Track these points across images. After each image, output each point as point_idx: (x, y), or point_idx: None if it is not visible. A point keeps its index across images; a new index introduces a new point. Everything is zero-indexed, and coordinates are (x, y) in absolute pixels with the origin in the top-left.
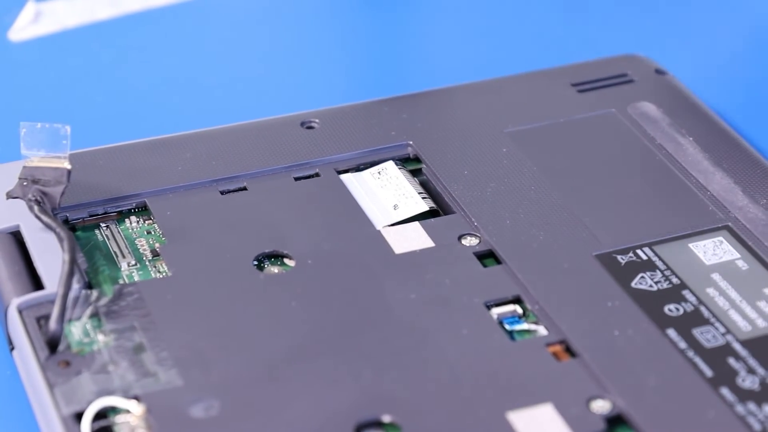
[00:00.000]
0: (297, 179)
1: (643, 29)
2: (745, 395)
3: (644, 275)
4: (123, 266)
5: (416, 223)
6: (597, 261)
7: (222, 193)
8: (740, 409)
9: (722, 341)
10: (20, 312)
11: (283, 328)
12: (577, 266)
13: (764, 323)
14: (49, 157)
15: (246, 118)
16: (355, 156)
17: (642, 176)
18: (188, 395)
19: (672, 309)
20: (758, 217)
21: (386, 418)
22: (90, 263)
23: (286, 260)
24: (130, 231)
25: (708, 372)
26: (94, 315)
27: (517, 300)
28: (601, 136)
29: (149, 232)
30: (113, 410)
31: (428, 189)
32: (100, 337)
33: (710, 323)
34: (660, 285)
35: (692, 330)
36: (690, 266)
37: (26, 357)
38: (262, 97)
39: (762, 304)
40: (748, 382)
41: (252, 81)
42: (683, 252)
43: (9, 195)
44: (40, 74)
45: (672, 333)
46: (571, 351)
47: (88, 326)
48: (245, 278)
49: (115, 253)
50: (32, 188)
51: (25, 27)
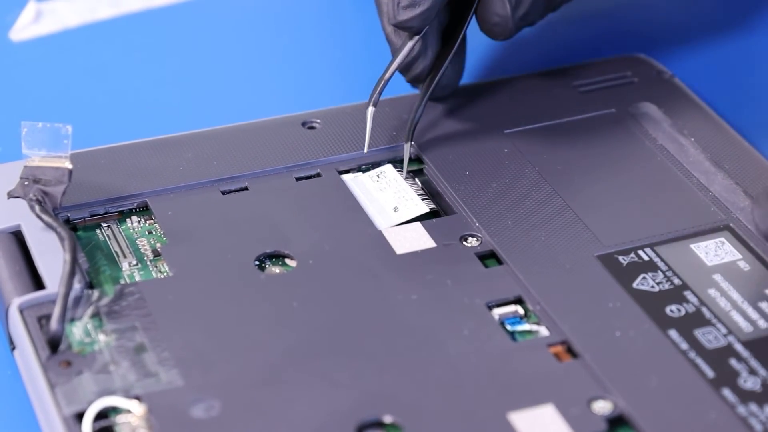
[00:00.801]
0: (298, 179)
1: (645, 30)
2: (747, 396)
3: (646, 276)
4: (124, 266)
5: (417, 224)
6: (598, 261)
7: (223, 193)
8: (742, 410)
9: (724, 342)
10: (21, 312)
11: (284, 329)
12: (579, 267)
13: (766, 324)
14: (51, 157)
15: (247, 119)
16: (357, 156)
17: (644, 177)
18: (189, 395)
19: (673, 310)
20: None
21: (387, 419)
22: (91, 263)
23: (288, 260)
24: (132, 231)
25: (709, 373)
26: (95, 315)
27: (519, 300)
28: (603, 137)
29: (150, 232)
30: (114, 410)
31: (429, 189)
32: (101, 337)
33: (712, 324)
34: (661, 286)
35: (694, 331)
36: (691, 267)
37: (27, 357)
38: (264, 98)
39: (763, 305)
40: (750, 383)
41: (253, 81)
42: (685, 253)
43: (10, 195)
44: (41, 74)
45: (673, 334)
46: (573, 351)
47: (89, 326)
48: (246, 278)
49: (117, 253)
50: (33, 188)
51: (26, 27)
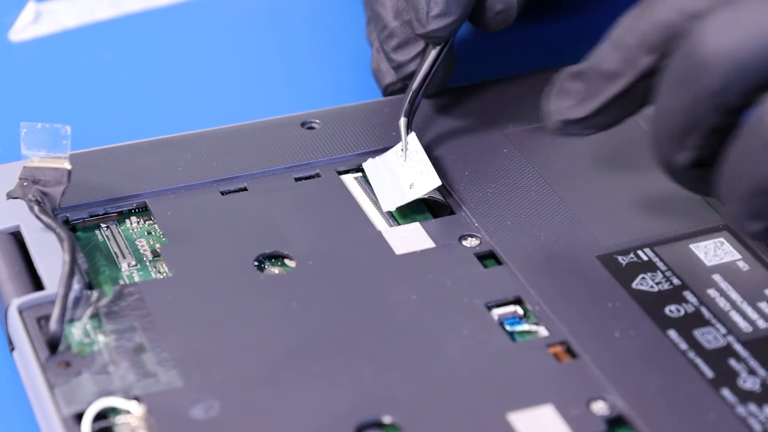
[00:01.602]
0: (297, 180)
1: None
2: (746, 396)
3: (645, 276)
4: (123, 267)
5: (417, 224)
6: (598, 262)
7: (222, 194)
8: (741, 411)
9: (723, 342)
10: (20, 312)
11: (284, 329)
12: (578, 267)
13: (765, 324)
14: (50, 158)
15: (246, 119)
16: (356, 156)
17: (643, 177)
18: (189, 396)
19: (673, 310)
20: None
21: (387, 419)
22: (90, 264)
23: (287, 261)
24: (131, 231)
25: (709, 373)
26: (95, 315)
27: (518, 301)
28: (602, 136)
29: (150, 233)
30: (113, 411)
31: None
32: (101, 338)
33: (711, 324)
34: (661, 286)
35: (693, 331)
36: (691, 267)
37: (26, 357)
38: (263, 98)
39: (763, 305)
40: (749, 383)
41: (252, 81)
42: (684, 253)
43: (9, 195)
44: (41, 74)
45: (673, 334)
46: (572, 352)
47: (89, 327)
48: (246, 279)
49: (116, 254)
50: (32, 188)
51: (26, 27)
